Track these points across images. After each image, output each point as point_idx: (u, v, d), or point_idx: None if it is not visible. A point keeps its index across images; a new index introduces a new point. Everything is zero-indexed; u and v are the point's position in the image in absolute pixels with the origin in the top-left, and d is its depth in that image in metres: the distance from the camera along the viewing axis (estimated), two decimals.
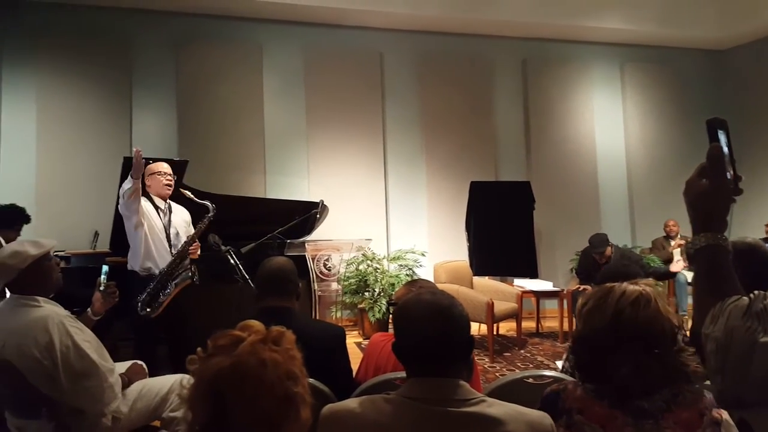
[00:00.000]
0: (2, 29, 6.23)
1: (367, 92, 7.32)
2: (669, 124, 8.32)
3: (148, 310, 3.62)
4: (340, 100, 7.18)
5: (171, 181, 4.00)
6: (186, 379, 2.45)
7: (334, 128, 7.16)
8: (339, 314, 6.49)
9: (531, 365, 5.28)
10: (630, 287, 1.44)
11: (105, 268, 3.05)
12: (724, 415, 1.33)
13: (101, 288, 2.91)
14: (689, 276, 6.83)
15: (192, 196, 3.93)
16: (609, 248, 5.72)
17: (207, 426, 1.06)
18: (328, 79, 7.18)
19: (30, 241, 2.46)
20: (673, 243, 7.17)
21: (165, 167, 4.02)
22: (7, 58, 6.26)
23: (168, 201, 4.02)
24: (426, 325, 1.36)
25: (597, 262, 5.80)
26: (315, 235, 6.05)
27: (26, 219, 4.88)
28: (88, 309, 2.86)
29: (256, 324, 1.16)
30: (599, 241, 5.75)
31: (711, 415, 1.33)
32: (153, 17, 6.71)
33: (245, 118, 6.91)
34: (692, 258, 1.15)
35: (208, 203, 3.90)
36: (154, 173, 3.96)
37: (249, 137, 6.91)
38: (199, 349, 1.12)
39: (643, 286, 1.45)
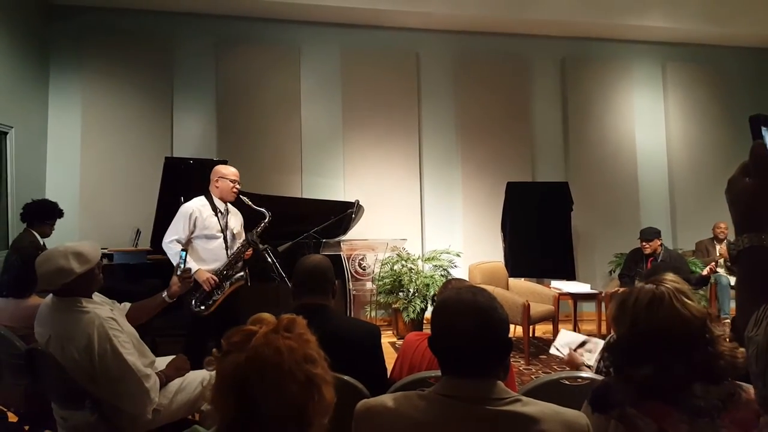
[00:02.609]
0: (50, 34, 6.45)
1: (404, 93, 7.33)
2: (712, 124, 8.10)
3: (202, 308, 3.69)
4: (377, 101, 7.21)
5: (239, 188, 4.02)
6: (207, 379, 2.48)
7: (370, 129, 7.19)
8: (373, 314, 6.51)
9: (567, 368, 5.20)
10: (645, 288, 1.46)
11: (183, 254, 3.16)
12: None
13: (179, 273, 3.01)
14: (732, 280, 6.65)
15: (250, 202, 3.99)
16: (658, 242, 5.78)
17: (235, 420, 1.08)
18: (365, 80, 7.21)
19: (75, 252, 2.38)
20: (719, 247, 6.97)
21: (236, 173, 4.02)
22: (54, 62, 6.48)
23: (227, 203, 4.03)
24: (465, 325, 1.34)
25: (642, 256, 5.80)
26: (350, 234, 6.09)
27: (59, 213, 5.01)
28: (164, 291, 2.93)
29: (267, 316, 1.17)
30: (650, 231, 5.87)
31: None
32: (193, 20, 6.85)
33: (283, 119, 6.99)
34: (735, 259, 1.12)
35: (264, 210, 3.96)
36: (225, 177, 3.97)
37: (286, 138, 6.99)
38: (214, 349, 1.13)
39: (661, 284, 1.45)
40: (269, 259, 4.01)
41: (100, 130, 6.52)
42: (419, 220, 7.28)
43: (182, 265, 3.09)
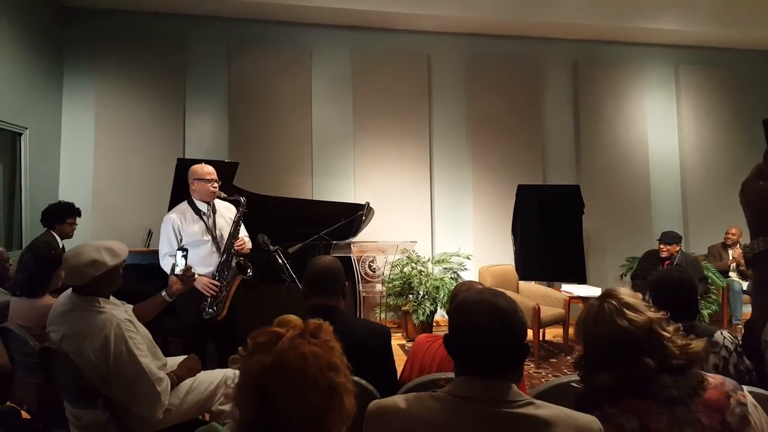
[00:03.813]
0: (64, 36, 6.51)
1: (414, 95, 7.33)
2: (726, 128, 8.04)
3: (210, 311, 3.66)
4: (387, 103, 7.22)
5: (217, 186, 3.87)
6: (230, 377, 2.49)
7: (381, 131, 7.19)
8: (383, 316, 6.51)
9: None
10: (593, 305, 1.60)
11: (179, 253, 3.15)
12: (749, 397, 1.44)
13: (178, 272, 3.00)
14: (744, 285, 6.59)
15: (225, 195, 3.94)
16: (677, 247, 5.86)
17: (255, 421, 1.08)
18: (376, 82, 7.22)
19: (107, 248, 2.45)
20: (731, 252, 6.91)
21: (212, 172, 3.86)
22: (68, 64, 6.54)
23: (211, 202, 3.91)
24: (488, 325, 1.34)
25: (659, 260, 5.81)
26: (360, 236, 6.10)
27: (76, 212, 5.07)
28: (164, 290, 2.95)
29: (293, 319, 1.18)
30: (671, 235, 5.94)
31: (737, 396, 1.43)
32: (206, 22, 6.90)
33: (294, 121, 7.02)
34: (751, 263, 1.12)
35: (238, 197, 3.90)
36: (200, 178, 3.83)
37: (297, 140, 7.01)
38: (240, 348, 1.14)
39: (605, 300, 1.57)
40: (279, 261, 4.02)
41: (113, 132, 6.57)
42: (429, 222, 7.28)
43: (178, 264, 3.06)
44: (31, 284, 2.98)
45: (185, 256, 3.11)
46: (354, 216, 5.65)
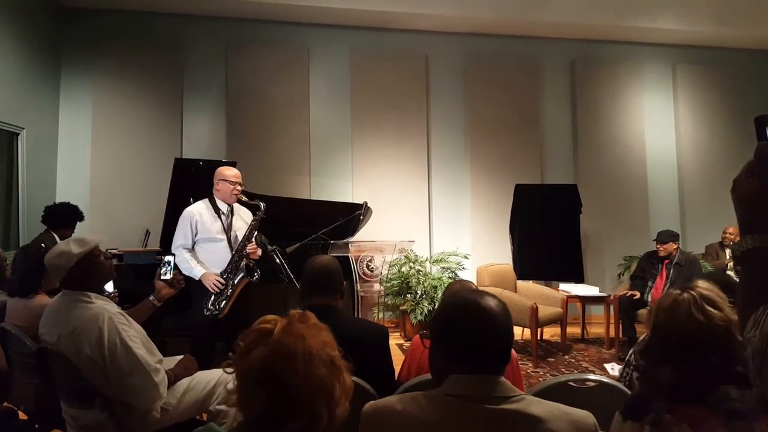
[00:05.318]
0: (61, 36, 6.51)
1: (413, 94, 7.33)
2: (723, 127, 8.05)
3: (215, 310, 3.70)
4: (386, 103, 7.22)
5: (240, 190, 3.96)
6: (223, 384, 2.47)
7: (379, 130, 7.19)
8: (381, 315, 6.51)
9: (575, 371, 5.19)
10: (671, 294, 1.49)
11: (170, 258, 3.15)
12: None
13: (166, 277, 3.00)
14: None
15: (245, 198, 3.99)
16: (674, 245, 5.79)
17: (266, 410, 1.09)
18: (374, 81, 7.22)
19: (75, 239, 2.51)
20: (728, 251, 6.90)
21: (237, 175, 3.96)
22: (65, 64, 6.54)
23: (232, 204, 3.99)
24: (491, 325, 1.35)
25: (658, 259, 5.82)
26: (358, 236, 6.10)
27: (80, 217, 5.07)
28: (151, 295, 2.95)
29: (274, 317, 1.21)
30: (666, 233, 5.87)
31: None
32: (204, 23, 6.89)
33: (292, 121, 7.01)
34: (738, 260, 1.12)
35: (259, 203, 3.94)
36: (225, 179, 3.92)
37: (295, 139, 7.01)
38: (230, 353, 1.15)
39: (687, 290, 1.47)
40: (277, 260, 4.02)
41: (110, 132, 6.57)
42: (427, 221, 7.28)
43: (164, 271, 3.06)
44: (22, 284, 2.98)
45: (171, 264, 3.12)
46: (352, 215, 5.65)
